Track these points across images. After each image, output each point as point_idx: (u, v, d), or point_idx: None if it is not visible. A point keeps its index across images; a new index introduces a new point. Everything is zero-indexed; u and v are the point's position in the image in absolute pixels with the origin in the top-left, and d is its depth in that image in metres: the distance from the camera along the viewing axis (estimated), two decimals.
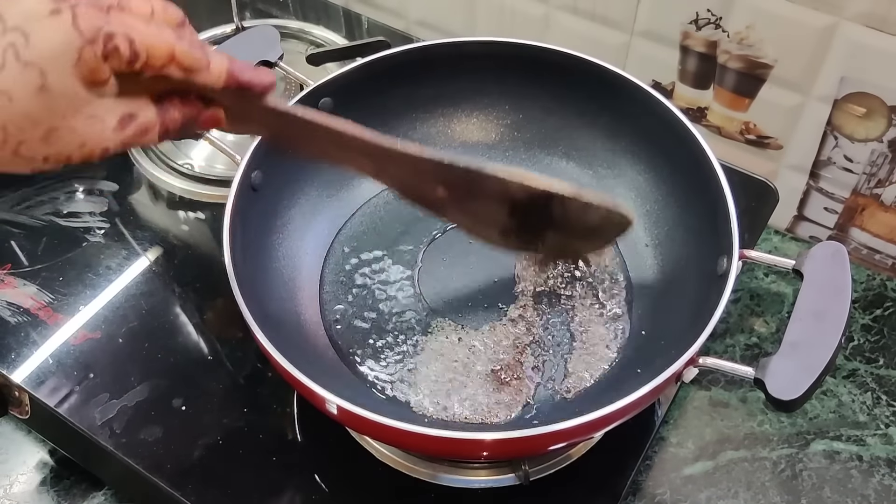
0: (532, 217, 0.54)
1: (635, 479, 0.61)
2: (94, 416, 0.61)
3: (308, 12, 0.94)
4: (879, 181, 0.72)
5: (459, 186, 0.52)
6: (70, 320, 0.67)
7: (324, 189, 0.69)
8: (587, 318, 0.63)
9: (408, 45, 0.68)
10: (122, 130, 0.39)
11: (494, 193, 0.52)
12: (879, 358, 0.69)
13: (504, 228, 0.55)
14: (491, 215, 0.54)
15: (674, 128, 0.62)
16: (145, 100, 0.40)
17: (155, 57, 0.37)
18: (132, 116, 0.39)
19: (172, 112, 0.41)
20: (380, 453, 0.60)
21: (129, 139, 0.39)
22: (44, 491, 0.66)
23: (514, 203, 0.52)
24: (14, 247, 0.73)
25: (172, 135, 0.42)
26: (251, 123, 0.47)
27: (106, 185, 0.78)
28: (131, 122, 0.39)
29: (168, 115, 0.41)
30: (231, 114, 0.44)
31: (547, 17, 0.80)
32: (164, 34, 0.38)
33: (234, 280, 0.53)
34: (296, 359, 0.50)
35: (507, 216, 0.53)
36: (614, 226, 0.55)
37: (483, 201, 0.53)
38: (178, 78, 0.39)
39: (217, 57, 0.41)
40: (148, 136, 0.40)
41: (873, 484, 0.62)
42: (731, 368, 0.50)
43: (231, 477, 0.58)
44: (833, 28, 0.65)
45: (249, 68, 0.42)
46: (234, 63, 0.42)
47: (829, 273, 0.53)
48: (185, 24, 0.40)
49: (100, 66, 0.36)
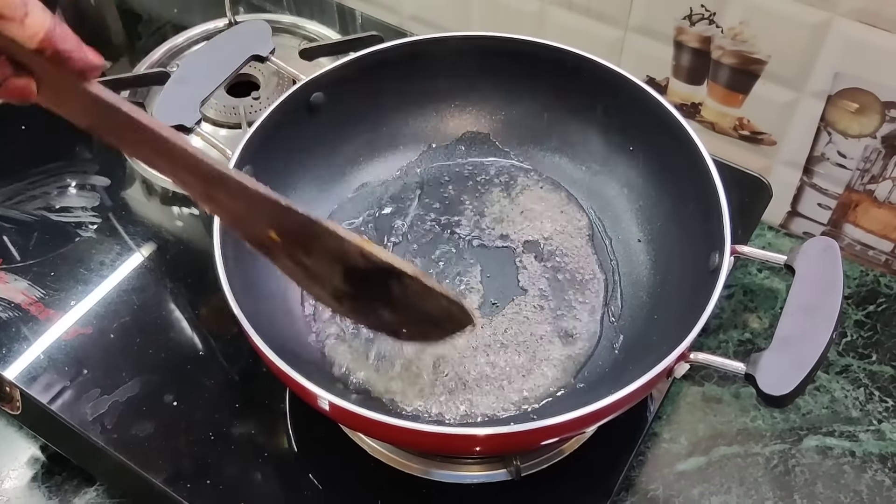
0: (368, 288, 0.50)
1: (628, 475, 0.61)
2: (85, 411, 0.61)
3: (302, 7, 0.93)
4: (873, 177, 0.72)
5: (294, 234, 0.48)
6: (61, 316, 0.67)
7: (316, 184, 0.69)
8: (579, 314, 0.63)
9: (400, 40, 0.68)
10: None
11: (330, 252, 0.48)
12: (872, 354, 0.69)
13: (336, 292, 0.51)
14: (324, 275, 0.50)
15: (667, 123, 0.62)
16: None
17: None
18: None
19: None
20: (372, 449, 0.60)
21: None
22: (35, 487, 0.65)
23: (351, 269, 0.49)
24: (5, 242, 0.72)
25: None
26: (68, 106, 0.41)
27: (98, 179, 0.78)
28: None
29: None
30: (46, 89, 0.39)
31: (541, 13, 0.80)
32: None
33: (225, 277, 0.53)
34: (287, 355, 0.50)
35: (340, 280, 0.50)
36: (454, 320, 0.52)
37: (317, 258, 0.49)
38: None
39: (40, 14, 0.36)
40: None
41: (866, 479, 0.62)
42: (722, 364, 0.50)
43: (223, 473, 0.58)
44: (827, 24, 0.65)
45: (75, 40, 0.37)
46: (58, 28, 0.36)
47: (821, 269, 0.53)
48: None
49: None
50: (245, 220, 0.48)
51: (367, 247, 0.48)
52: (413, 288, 0.49)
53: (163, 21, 0.93)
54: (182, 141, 0.43)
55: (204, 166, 0.44)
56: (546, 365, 0.60)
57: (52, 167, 0.78)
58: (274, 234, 0.48)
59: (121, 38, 0.95)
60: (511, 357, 0.60)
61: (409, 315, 0.52)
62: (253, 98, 0.80)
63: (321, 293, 0.52)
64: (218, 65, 0.67)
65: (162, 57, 0.87)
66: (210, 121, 0.80)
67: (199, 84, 0.65)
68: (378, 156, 0.72)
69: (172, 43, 0.88)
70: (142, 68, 0.85)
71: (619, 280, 0.65)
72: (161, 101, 0.65)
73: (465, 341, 0.61)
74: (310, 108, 0.66)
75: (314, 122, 0.66)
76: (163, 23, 0.93)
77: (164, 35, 0.90)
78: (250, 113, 0.79)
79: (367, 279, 0.49)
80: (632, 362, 0.57)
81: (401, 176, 0.72)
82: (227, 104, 0.80)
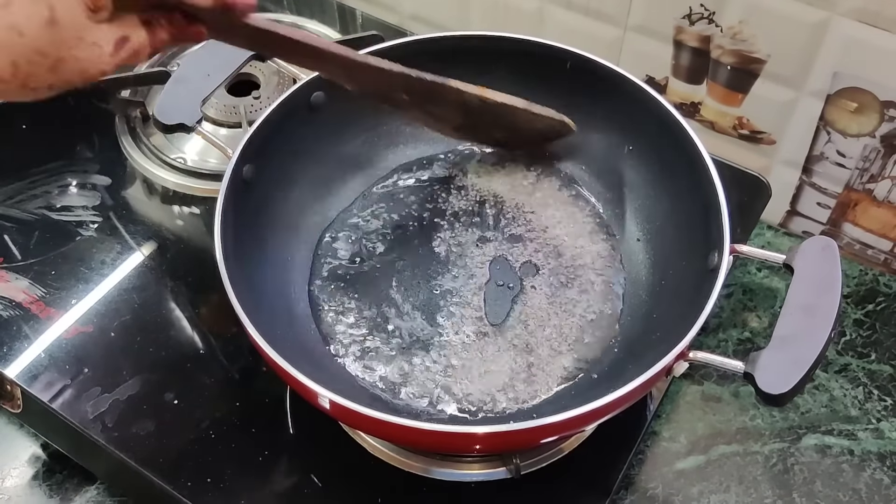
0: (485, 119, 0.64)
1: (627, 473, 0.61)
2: (85, 409, 0.61)
3: (302, 7, 0.94)
4: (872, 176, 0.72)
5: (422, 94, 0.60)
6: (62, 314, 0.67)
7: (316, 183, 0.69)
8: (577, 312, 0.63)
9: (399, 39, 0.68)
10: (117, 53, 0.40)
11: (454, 102, 0.61)
12: (871, 353, 0.69)
13: (458, 126, 0.65)
14: (448, 116, 0.63)
15: (667, 123, 0.62)
16: (136, 22, 0.41)
17: None
18: (125, 39, 0.41)
19: (160, 33, 0.43)
20: (372, 447, 0.60)
21: (123, 60, 0.41)
22: (36, 485, 0.65)
23: (470, 109, 0.62)
24: (6, 240, 0.73)
25: (158, 52, 0.45)
26: (233, 37, 0.50)
27: (99, 178, 0.78)
28: (125, 45, 0.41)
29: (156, 36, 0.43)
30: (213, 29, 0.47)
31: (541, 12, 0.80)
32: None
33: (226, 274, 0.53)
34: (288, 353, 0.50)
35: (462, 117, 0.63)
36: (557, 130, 0.67)
37: (442, 105, 0.62)
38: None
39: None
40: (139, 57, 0.42)
41: (864, 478, 0.62)
42: (721, 363, 0.50)
43: (223, 471, 0.59)
44: (826, 23, 0.65)
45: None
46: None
47: (820, 268, 0.53)
48: None
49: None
50: (383, 92, 0.60)
51: (484, 94, 0.62)
52: (525, 116, 0.64)
53: None
54: (326, 44, 0.54)
55: (348, 59, 0.55)
56: (545, 363, 0.60)
57: (52, 166, 0.78)
58: (406, 96, 0.60)
59: None
60: (511, 355, 0.61)
61: (521, 133, 0.67)
62: (253, 97, 0.81)
63: (446, 129, 0.66)
64: (218, 64, 0.67)
65: (162, 56, 0.87)
66: (211, 120, 0.80)
67: (200, 83, 0.65)
68: (378, 154, 0.72)
69: None
70: (142, 67, 0.85)
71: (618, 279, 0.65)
72: (162, 100, 0.65)
73: (466, 339, 0.61)
74: (310, 107, 0.66)
75: (315, 121, 0.66)
76: None
77: None
78: (251, 112, 0.79)
79: (485, 114, 0.63)
80: (631, 361, 0.57)
81: (401, 174, 0.72)
82: (227, 103, 0.80)
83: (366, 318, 0.63)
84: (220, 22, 0.46)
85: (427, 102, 0.61)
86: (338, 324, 0.63)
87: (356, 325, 0.62)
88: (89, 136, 0.81)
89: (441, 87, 0.60)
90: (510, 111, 0.63)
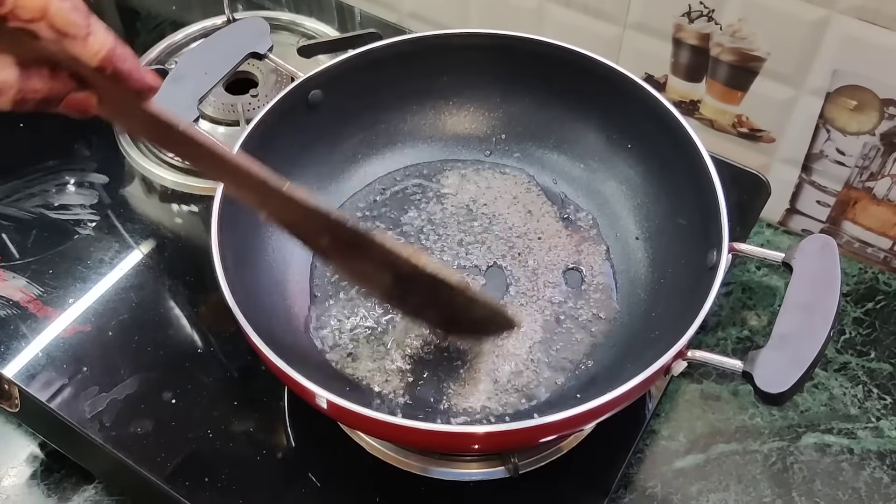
0: (418, 292, 0.54)
1: (626, 472, 0.61)
2: (83, 409, 0.61)
3: (301, 4, 0.93)
4: (871, 174, 0.72)
5: (345, 243, 0.51)
6: (60, 313, 0.67)
7: (314, 181, 0.68)
8: (575, 311, 0.63)
9: (398, 37, 0.68)
10: None
11: (381, 260, 0.51)
12: (871, 351, 0.69)
13: (387, 292, 0.55)
14: (375, 277, 0.54)
15: (666, 121, 0.62)
16: (9, 59, 0.36)
17: (24, 7, 0.34)
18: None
19: (35, 81, 0.37)
20: (370, 447, 0.60)
21: None
22: (34, 484, 0.65)
23: (400, 275, 0.52)
24: (4, 239, 0.72)
25: (29, 105, 0.38)
26: (126, 120, 0.43)
27: (97, 177, 0.77)
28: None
29: (30, 82, 0.37)
30: (106, 103, 0.41)
31: (540, 10, 0.80)
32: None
33: (223, 275, 0.53)
34: (285, 354, 0.50)
35: (390, 283, 0.53)
36: (498, 325, 0.57)
37: (368, 263, 0.52)
38: (48, 40, 0.36)
39: (102, 34, 0.38)
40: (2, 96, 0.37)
41: (864, 477, 0.62)
42: (720, 361, 0.50)
43: (221, 471, 0.58)
44: (826, 21, 0.65)
45: (135, 60, 0.39)
46: (119, 48, 0.38)
47: (819, 266, 0.53)
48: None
49: None
50: (299, 228, 0.51)
51: (414, 258, 0.51)
52: (459, 296, 0.54)
53: (161, 18, 0.93)
54: (237, 158, 0.46)
55: (257, 180, 0.47)
56: (543, 362, 0.60)
57: (50, 165, 0.78)
58: (326, 241, 0.51)
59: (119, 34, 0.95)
60: (510, 354, 0.60)
61: (456, 317, 0.56)
62: (251, 95, 0.80)
63: (374, 291, 0.57)
64: (216, 62, 0.67)
65: (160, 54, 0.87)
66: (208, 118, 0.80)
67: (198, 81, 0.65)
68: (376, 153, 0.72)
69: (171, 40, 0.88)
70: None
71: (617, 277, 0.65)
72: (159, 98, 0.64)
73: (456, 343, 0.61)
74: (308, 105, 0.66)
75: (312, 119, 0.66)
76: (161, 20, 0.93)
77: (162, 32, 0.90)
78: (248, 110, 0.79)
79: (417, 284, 0.53)
80: (630, 360, 0.57)
81: (399, 173, 0.72)
82: (225, 101, 0.80)
83: (365, 317, 0.63)
84: (112, 96, 0.40)
85: (350, 254, 0.52)
86: (337, 324, 0.62)
87: (355, 326, 0.62)
88: (87, 135, 0.81)
89: (366, 239, 0.50)
90: (443, 286, 0.53)
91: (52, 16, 0.35)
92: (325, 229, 0.50)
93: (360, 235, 0.50)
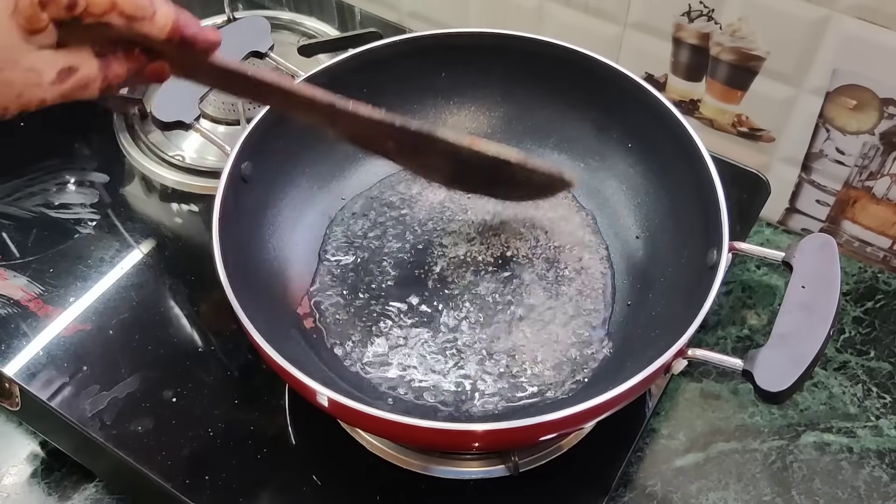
0: (479, 172, 0.57)
1: (626, 471, 0.61)
2: (84, 407, 0.61)
3: (301, 4, 0.93)
4: (871, 174, 0.72)
5: (410, 144, 0.54)
6: (61, 312, 0.67)
7: (315, 180, 0.69)
8: (576, 309, 0.63)
9: (399, 37, 0.68)
10: (61, 83, 0.38)
11: (444, 153, 0.55)
12: (870, 350, 0.69)
13: (451, 177, 0.59)
14: (439, 167, 0.57)
15: (666, 120, 0.62)
16: (87, 52, 0.39)
17: (95, 3, 0.36)
18: (72, 70, 0.38)
19: (115, 66, 0.40)
20: (371, 445, 0.60)
21: (68, 92, 0.38)
22: (34, 483, 0.66)
23: (463, 161, 0.56)
24: (4, 238, 0.72)
25: (114, 90, 0.41)
26: (198, 77, 0.46)
27: (97, 176, 0.78)
28: (71, 76, 0.38)
29: (111, 69, 0.40)
30: (177, 66, 0.44)
31: (540, 9, 0.80)
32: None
33: (224, 272, 0.53)
34: (286, 351, 0.50)
35: (454, 169, 0.57)
36: (556, 185, 0.61)
37: (432, 157, 0.55)
38: (120, 26, 0.38)
39: (164, 7, 0.40)
40: (88, 91, 0.39)
41: (863, 475, 0.62)
42: (720, 360, 0.50)
43: (222, 469, 0.58)
44: (825, 20, 0.65)
45: (196, 23, 0.41)
46: (180, 15, 0.40)
47: (819, 265, 0.53)
48: None
49: (37, 14, 0.35)
50: (367, 139, 0.54)
51: (475, 145, 0.55)
52: (520, 170, 0.57)
53: None
54: (300, 87, 0.49)
55: (326, 104, 0.50)
56: (543, 361, 0.60)
57: (50, 164, 0.78)
58: (392, 144, 0.54)
59: None
60: (510, 353, 0.60)
61: (517, 187, 0.60)
62: None
63: (439, 179, 0.60)
64: None
65: None
66: (209, 117, 0.80)
67: None
68: None
69: None
70: None
71: (617, 276, 0.65)
72: (160, 97, 0.65)
73: (465, 338, 0.61)
74: None
75: None
76: None
77: None
78: (249, 109, 0.79)
79: (480, 167, 0.56)
80: (630, 358, 0.57)
81: (400, 172, 0.72)
82: (225, 101, 0.80)
83: (366, 316, 0.63)
84: (182, 59, 0.43)
85: (415, 152, 0.55)
86: (338, 322, 0.62)
87: (356, 324, 0.62)
88: (87, 134, 0.81)
89: (428, 137, 0.54)
90: (504, 165, 0.57)
91: (120, 4, 0.37)
92: (391, 136, 0.53)
93: (424, 135, 0.53)
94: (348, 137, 0.54)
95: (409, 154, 0.56)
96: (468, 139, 0.55)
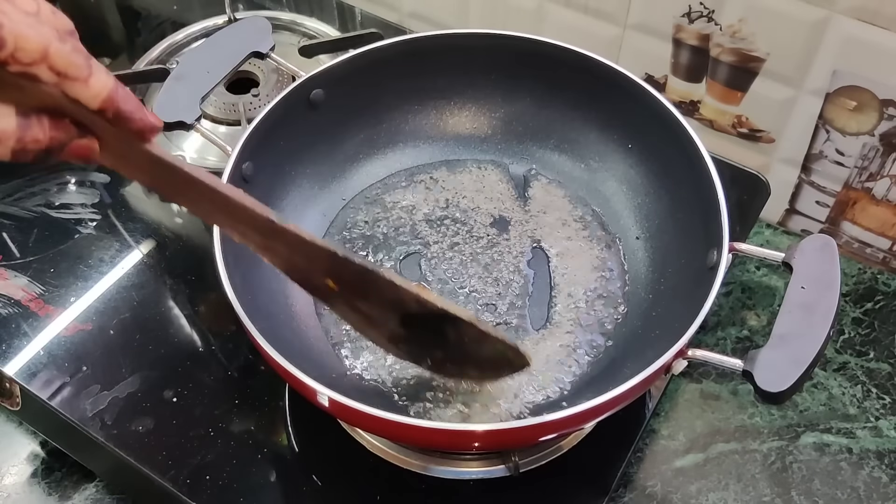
0: (424, 332, 0.52)
1: (626, 471, 0.61)
2: (84, 407, 0.61)
3: (301, 4, 0.94)
4: (871, 175, 0.72)
5: (350, 283, 0.49)
6: (61, 312, 0.67)
7: (316, 181, 0.69)
8: (576, 310, 0.63)
9: (399, 37, 0.68)
10: None
11: (386, 300, 0.50)
12: (870, 351, 0.69)
13: (392, 336, 0.53)
14: (380, 319, 0.52)
15: (666, 121, 0.62)
16: (8, 108, 0.35)
17: (25, 49, 0.33)
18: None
19: (36, 129, 0.36)
20: (371, 445, 0.60)
21: None
22: (35, 483, 0.66)
23: (407, 314, 0.51)
24: (5, 238, 0.73)
25: (30, 156, 0.36)
26: (129, 166, 0.42)
27: (98, 176, 0.78)
28: None
29: (30, 131, 0.35)
30: (107, 148, 0.39)
31: (540, 10, 0.80)
32: (42, 29, 0.34)
33: (224, 273, 0.53)
34: (287, 351, 0.50)
35: (396, 324, 0.52)
36: (509, 362, 0.54)
37: (373, 304, 0.51)
38: (50, 84, 0.35)
39: (102, 74, 0.36)
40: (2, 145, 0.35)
41: (863, 476, 0.62)
42: (720, 360, 0.50)
43: (222, 469, 0.58)
44: (825, 22, 0.65)
45: (136, 101, 0.38)
46: (120, 89, 0.37)
47: (819, 266, 0.53)
48: (73, 34, 0.37)
49: None
50: (303, 270, 0.49)
51: (422, 294, 0.49)
52: (469, 333, 0.51)
53: (162, 18, 0.93)
54: (240, 196, 0.45)
55: (263, 220, 0.46)
56: (543, 361, 0.60)
57: (51, 164, 0.78)
58: (331, 283, 0.49)
59: (120, 34, 0.95)
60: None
61: (465, 358, 0.54)
62: (252, 95, 0.81)
63: (377, 337, 0.54)
64: (217, 62, 0.67)
65: (161, 54, 0.87)
66: (210, 118, 0.80)
67: (199, 81, 0.65)
68: (377, 153, 0.72)
69: (172, 40, 0.88)
70: (141, 65, 0.85)
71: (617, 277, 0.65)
72: (161, 97, 0.65)
73: None
74: (309, 104, 0.66)
75: (314, 119, 0.66)
76: (162, 19, 0.93)
77: (163, 32, 0.90)
78: (250, 110, 0.79)
79: (423, 324, 0.51)
80: (630, 359, 0.57)
81: (400, 173, 0.72)
82: (226, 101, 0.80)
83: None
84: (114, 139, 0.39)
85: (356, 295, 0.50)
86: (338, 321, 0.62)
87: None
88: None
89: (372, 275, 0.48)
90: (453, 321, 0.50)
91: (52, 57, 0.34)
92: (331, 270, 0.49)
93: (367, 273, 0.48)
94: (286, 264, 0.49)
95: (349, 296, 0.51)
96: (415, 286, 0.50)
